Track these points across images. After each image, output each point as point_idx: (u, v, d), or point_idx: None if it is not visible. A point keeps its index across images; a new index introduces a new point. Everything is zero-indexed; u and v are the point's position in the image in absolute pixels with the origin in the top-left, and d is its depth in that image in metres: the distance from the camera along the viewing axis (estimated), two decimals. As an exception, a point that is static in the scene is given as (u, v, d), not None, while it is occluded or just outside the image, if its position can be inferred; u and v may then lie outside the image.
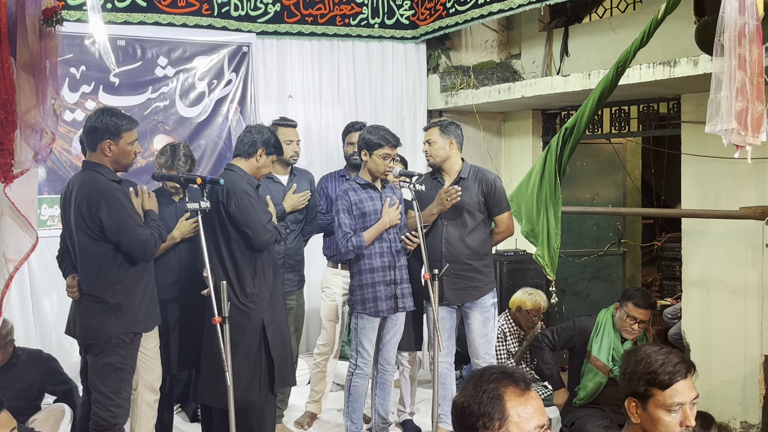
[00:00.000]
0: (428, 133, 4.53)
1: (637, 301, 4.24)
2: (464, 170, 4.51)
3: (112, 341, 3.61)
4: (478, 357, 4.56)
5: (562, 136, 4.52)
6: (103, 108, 3.78)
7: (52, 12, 2.73)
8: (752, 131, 3.15)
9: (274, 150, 3.99)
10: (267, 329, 3.87)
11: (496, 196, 4.48)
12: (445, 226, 4.46)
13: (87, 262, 3.62)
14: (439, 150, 4.48)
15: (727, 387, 5.11)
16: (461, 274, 4.46)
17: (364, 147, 4.29)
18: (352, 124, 5.10)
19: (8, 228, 2.97)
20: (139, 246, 3.59)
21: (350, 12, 6.28)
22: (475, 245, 4.48)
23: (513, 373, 1.86)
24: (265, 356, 3.89)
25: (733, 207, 4.80)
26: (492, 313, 4.55)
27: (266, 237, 3.81)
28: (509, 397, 1.80)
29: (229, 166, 4.00)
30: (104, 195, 3.54)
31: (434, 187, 4.55)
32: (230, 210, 3.77)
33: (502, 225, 4.55)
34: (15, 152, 2.73)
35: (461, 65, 6.88)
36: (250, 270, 3.85)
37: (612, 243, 7.05)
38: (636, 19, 5.70)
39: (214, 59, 5.71)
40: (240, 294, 3.82)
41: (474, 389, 1.82)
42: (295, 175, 4.80)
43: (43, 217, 5.05)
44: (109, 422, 3.64)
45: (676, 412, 2.27)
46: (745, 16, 3.12)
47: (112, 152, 3.63)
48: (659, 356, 2.32)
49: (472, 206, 4.44)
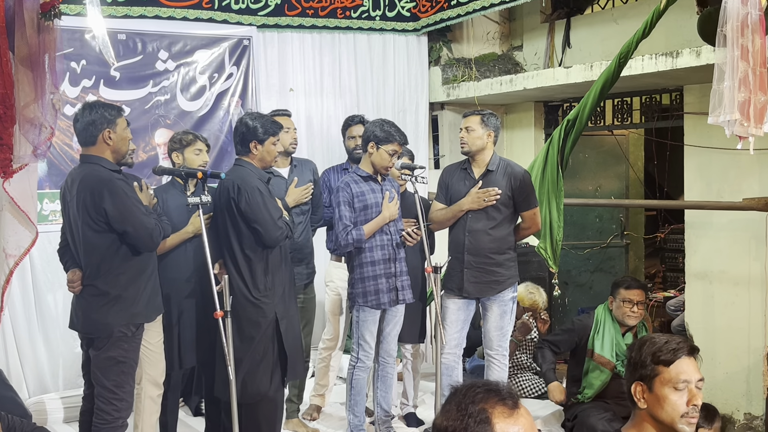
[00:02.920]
0: (468, 120, 4.44)
1: (628, 285, 4.35)
2: (493, 162, 4.41)
3: (114, 334, 3.61)
4: (491, 348, 4.51)
5: (564, 128, 4.51)
6: (89, 103, 3.78)
7: (50, 6, 2.72)
8: (755, 122, 3.13)
9: (266, 135, 3.91)
10: (280, 323, 3.90)
11: (524, 192, 4.38)
12: (469, 217, 4.39)
13: (90, 254, 3.62)
14: (477, 139, 4.39)
15: (730, 379, 5.10)
16: (484, 267, 4.39)
17: (372, 139, 4.26)
18: (351, 118, 5.07)
19: (8, 223, 2.98)
20: (146, 234, 3.60)
21: (351, 4, 6.26)
22: (499, 239, 4.39)
23: (499, 389, 1.69)
24: (278, 349, 3.93)
25: (736, 198, 4.78)
26: (510, 306, 4.49)
27: (277, 234, 3.80)
28: (498, 418, 1.64)
29: (237, 161, 3.99)
30: (107, 185, 3.55)
31: (462, 179, 4.48)
32: (241, 206, 3.77)
33: (528, 221, 4.46)
34: (14, 147, 2.73)
35: (463, 57, 6.86)
36: (263, 265, 3.86)
37: (615, 235, 7.04)
38: (638, 9, 5.67)
39: (215, 53, 5.69)
40: (253, 289, 3.83)
41: (459, 412, 1.65)
42: (296, 166, 4.76)
43: (45, 212, 5.04)
44: (112, 416, 3.65)
45: (682, 390, 2.28)
46: (748, 7, 3.10)
47: (113, 140, 3.64)
48: (662, 337, 2.37)
49: (499, 201, 4.34)
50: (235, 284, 3.81)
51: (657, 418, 2.31)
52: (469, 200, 4.36)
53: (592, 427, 4.14)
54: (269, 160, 3.99)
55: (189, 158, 4.22)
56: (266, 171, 4.12)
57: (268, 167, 4.10)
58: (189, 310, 4.15)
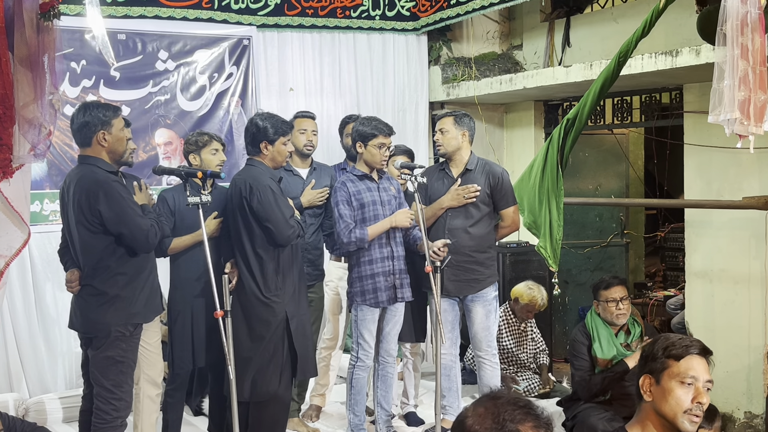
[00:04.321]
0: (442, 122, 4.51)
1: (606, 285, 4.28)
2: (471, 162, 4.49)
3: (112, 334, 3.61)
4: (480, 349, 4.56)
5: (564, 127, 4.51)
6: (85, 104, 3.77)
7: (49, 6, 2.72)
8: (755, 121, 3.13)
9: (277, 135, 3.92)
10: (291, 322, 3.91)
11: (502, 190, 4.46)
12: (448, 216, 4.45)
13: (87, 255, 3.62)
14: (452, 140, 4.46)
15: (730, 377, 5.10)
16: (463, 266, 4.45)
17: (358, 139, 4.28)
18: (349, 117, 5.07)
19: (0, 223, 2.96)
20: (141, 236, 3.59)
21: (351, 4, 6.26)
22: (479, 237, 4.47)
23: (538, 415, 1.71)
24: (288, 348, 3.94)
25: (735, 197, 4.78)
26: (494, 306, 4.56)
27: (288, 232, 3.81)
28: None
29: (249, 161, 4.01)
30: (102, 187, 3.54)
31: (440, 179, 4.54)
32: (253, 205, 3.78)
33: (508, 219, 4.54)
34: (14, 147, 2.73)
35: (463, 57, 6.86)
36: (274, 265, 3.87)
37: (615, 234, 7.04)
38: (638, 8, 5.67)
39: (215, 53, 5.69)
40: (264, 288, 3.85)
41: (494, 423, 1.68)
42: (315, 169, 4.75)
43: (45, 212, 5.05)
44: (111, 416, 3.65)
45: (689, 386, 2.30)
46: (747, 5, 3.10)
47: (108, 142, 3.62)
48: (677, 336, 2.40)
49: (478, 198, 4.42)
50: (246, 283, 3.84)
51: (660, 411, 2.32)
52: (449, 197, 4.41)
53: (592, 426, 4.13)
54: (280, 160, 4.00)
55: (206, 159, 4.15)
56: (285, 169, 4.14)
57: (280, 167, 4.10)
58: (200, 309, 4.12)
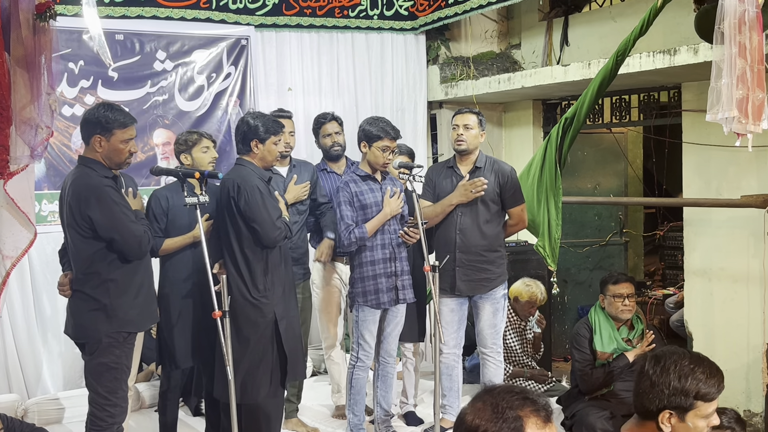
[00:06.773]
0: (466, 118, 4.45)
1: (615, 280, 4.34)
2: (480, 160, 4.48)
3: (104, 341, 3.54)
4: (485, 346, 4.55)
5: (562, 126, 4.51)
6: (102, 102, 3.74)
7: (45, 7, 2.72)
8: (753, 119, 3.14)
9: (268, 134, 3.89)
10: (279, 323, 3.88)
11: (511, 189, 4.45)
12: (459, 215, 4.42)
13: (78, 260, 3.55)
14: (475, 138, 4.45)
15: (729, 376, 5.04)
16: (475, 265, 4.43)
17: (363, 138, 4.27)
18: (323, 116, 4.99)
19: (5, 224, 2.96)
20: (134, 242, 3.53)
21: (349, 4, 6.26)
22: (490, 236, 4.44)
23: (535, 399, 1.69)
24: (278, 350, 3.90)
25: (734, 195, 4.78)
26: (502, 304, 4.55)
27: (275, 234, 3.77)
28: (531, 428, 1.64)
29: (238, 160, 3.97)
30: (94, 192, 3.46)
31: (449, 176, 4.51)
32: (240, 206, 3.75)
33: (515, 217, 4.53)
34: (11, 149, 2.72)
35: (461, 56, 6.86)
36: (262, 265, 3.84)
37: (614, 233, 7.04)
38: (636, 7, 5.67)
39: (213, 52, 5.69)
40: (252, 289, 3.81)
41: (494, 413, 1.65)
42: (295, 166, 4.76)
43: (44, 212, 5.04)
44: (106, 422, 3.59)
45: (709, 417, 2.35)
46: (745, 4, 3.10)
47: (103, 148, 3.53)
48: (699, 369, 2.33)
49: (488, 197, 4.38)
50: (234, 284, 3.78)
51: None
52: (458, 194, 4.38)
53: (591, 425, 4.13)
54: (270, 160, 3.98)
55: (198, 157, 4.14)
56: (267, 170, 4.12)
57: (270, 167, 4.09)
58: (188, 310, 4.11)
